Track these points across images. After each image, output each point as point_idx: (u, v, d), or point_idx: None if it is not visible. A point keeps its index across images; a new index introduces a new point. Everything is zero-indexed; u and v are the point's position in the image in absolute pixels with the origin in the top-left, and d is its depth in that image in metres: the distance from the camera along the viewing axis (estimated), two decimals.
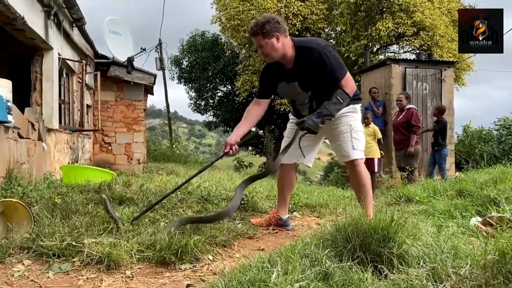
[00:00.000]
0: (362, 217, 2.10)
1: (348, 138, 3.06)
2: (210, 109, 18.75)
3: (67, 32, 6.24)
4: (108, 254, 2.20)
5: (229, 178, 7.99)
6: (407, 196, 4.45)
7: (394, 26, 11.03)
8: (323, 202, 4.47)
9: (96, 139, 9.25)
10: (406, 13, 11.05)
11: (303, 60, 2.86)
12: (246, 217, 3.59)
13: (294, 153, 3.12)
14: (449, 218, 3.33)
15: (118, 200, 3.56)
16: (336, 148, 3.18)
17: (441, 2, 12.21)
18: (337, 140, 3.11)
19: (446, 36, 11.42)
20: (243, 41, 13.71)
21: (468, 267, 1.79)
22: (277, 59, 2.90)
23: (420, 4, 11.08)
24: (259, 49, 2.88)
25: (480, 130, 11.85)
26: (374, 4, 11.44)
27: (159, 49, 17.15)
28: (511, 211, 2.97)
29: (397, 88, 8.88)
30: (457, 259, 1.94)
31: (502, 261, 1.70)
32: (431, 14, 11.11)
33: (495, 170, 4.77)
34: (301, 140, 2.98)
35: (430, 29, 11.06)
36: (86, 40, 7.64)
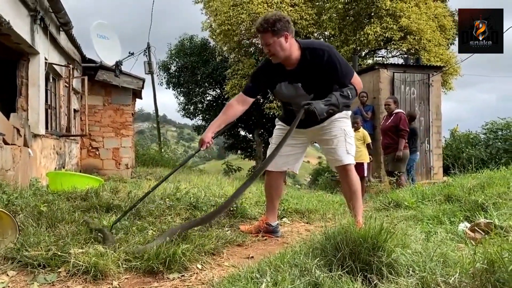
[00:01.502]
0: (351, 225, 2.09)
1: (342, 143, 3.03)
2: (199, 113, 18.69)
3: (54, 36, 6.17)
4: (94, 264, 2.16)
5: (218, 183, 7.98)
6: (396, 201, 4.45)
7: (382, 31, 11.12)
8: (313, 208, 4.46)
9: (84, 144, 9.15)
10: (393, 18, 11.15)
11: (309, 61, 2.81)
12: (235, 224, 3.56)
13: (284, 160, 3.11)
14: (437, 223, 3.34)
15: (105, 208, 3.51)
16: (329, 152, 3.11)
17: (428, 7, 12.34)
18: (330, 144, 3.06)
19: (433, 41, 11.54)
20: (233, 45, 13.71)
21: (457, 276, 1.79)
22: (282, 59, 2.82)
23: (407, 9, 11.19)
24: (266, 47, 2.78)
25: (468, 134, 11.98)
26: (362, 9, 11.53)
27: (148, 53, 17.08)
28: (498, 217, 3.00)
29: (386, 93, 8.94)
30: (446, 267, 1.94)
31: (490, 270, 1.70)
32: (417, 19, 11.22)
33: (483, 174, 4.81)
34: (285, 148, 2.95)
35: (417, 33, 11.17)
36: (73, 44, 7.57)
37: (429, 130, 9.31)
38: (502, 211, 3.10)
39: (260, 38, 2.82)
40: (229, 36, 12.86)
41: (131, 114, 9.74)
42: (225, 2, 12.73)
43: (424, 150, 9.27)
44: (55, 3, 5.33)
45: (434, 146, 9.37)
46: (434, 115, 9.36)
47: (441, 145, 9.79)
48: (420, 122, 9.23)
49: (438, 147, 9.50)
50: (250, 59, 14.13)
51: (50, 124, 6.86)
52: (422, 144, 9.25)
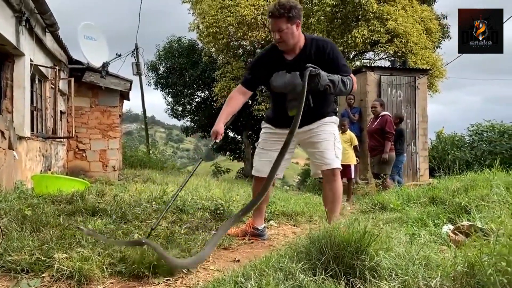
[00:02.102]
0: (335, 229, 2.11)
1: (331, 146, 3.01)
2: (187, 115, 18.64)
3: (40, 37, 6.11)
4: (79, 269, 2.15)
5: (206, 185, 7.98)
6: (382, 204, 4.51)
7: (369, 34, 11.21)
8: (300, 210, 4.49)
9: (70, 146, 9.06)
10: (380, 21, 11.26)
11: (311, 52, 2.82)
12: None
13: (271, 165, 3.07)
14: (422, 226, 3.39)
15: (91, 211, 3.49)
16: (317, 155, 3.04)
17: (415, 11, 12.48)
18: (319, 148, 3.01)
19: (419, 44, 11.68)
20: (221, 47, 13.71)
21: (438, 279, 1.82)
22: (290, 48, 2.80)
23: (394, 12, 11.30)
24: (278, 33, 2.72)
25: (453, 136, 12.14)
26: (350, 12, 11.62)
27: (136, 54, 16.98)
28: (480, 220, 3.04)
29: (372, 95, 9.01)
30: (428, 270, 1.97)
31: (470, 273, 1.73)
32: (404, 22, 11.34)
33: (467, 177, 4.87)
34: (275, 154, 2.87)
35: (403, 36, 11.29)
36: (59, 46, 7.50)
37: (415, 133, 9.42)
38: (484, 214, 3.15)
39: (272, 23, 2.75)
40: (216, 38, 12.86)
41: (118, 116, 9.67)
42: (213, 5, 12.73)
43: (411, 152, 9.37)
44: (41, 4, 5.28)
45: (420, 148, 9.48)
46: (420, 117, 9.47)
47: (427, 147, 9.90)
48: (406, 124, 9.32)
49: (424, 149, 9.61)
50: (239, 61, 14.14)
51: (36, 126, 6.79)
52: (409, 146, 9.34)
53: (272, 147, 3.08)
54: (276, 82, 2.91)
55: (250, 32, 12.15)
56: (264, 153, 3.12)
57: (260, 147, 3.17)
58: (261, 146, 3.16)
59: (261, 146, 3.16)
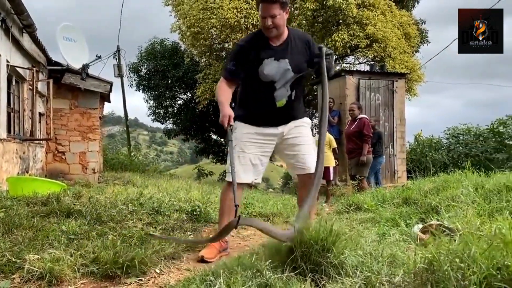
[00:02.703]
0: (304, 228, 2.17)
1: (311, 150, 2.98)
2: (170, 117, 18.56)
3: (17, 38, 6.04)
4: (49, 270, 2.16)
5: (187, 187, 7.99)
6: (357, 204, 4.59)
7: (349, 38, 11.37)
8: (277, 211, 4.54)
9: (49, 148, 8.95)
10: (359, 26, 11.43)
11: (296, 39, 2.86)
12: (198, 228, 3.60)
13: (256, 170, 2.92)
14: (393, 225, 3.47)
15: (66, 213, 3.47)
16: (297, 158, 2.97)
17: (394, 16, 12.70)
18: (300, 151, 2.95)
19: (398, 48, 11.88)
20: (203, 49, 13.70)
21: (401, 275, 1.89)
22: (279, 34, 2.78)
23: (373, 18, 11.48)
24: (270, 19, 2.68)
25: (431, 139, 12.39)
26: (331, 16, 11.76)
27: (117, 55, 16.89)
28: (449, 219, 3.14)
29: (352, 99, 9.14)
30: (393, 267, 2.03)
31: (430, 269, 1.80)
32: (383, 27, 11.53)
33: (440, 178, 4.99)
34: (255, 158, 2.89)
35: (382, 41, 11.47)
36: (38, 47, 7.42)
37: (393, 135, 9.58)
38: (452, 213, 3.25)
39: (264, 8, 2.69)
40: (198, 39, 12.87)
41: (98, 118, 9.60)
42: (194, 6, 12.73)
43: (389, 154, 9.53)
44: (17, 4, 5.24)
45: (398, 151, 9.64)
46: (398, 120, 9.64)
47: (405, 149, 10.08)
48: (384, 127, 9.48)
49: (402, 151, 9.78)
50: (221, 64, 14.16)
51: (13, 127, 6.70)
52: (387, 149, 9.49)
53: (252, 150, 2.89)
54: (268, 70, 2.79)
55: (233, 34, 12.20)
56: (245, 156, 2.88)
57: (239, 149, 2.87)
58: (241, 148, 2.87)
59: (241, 148, 2.87)
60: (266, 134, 2.92)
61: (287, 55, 2.82)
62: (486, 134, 11.43)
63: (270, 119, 2.90)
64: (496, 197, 3.59)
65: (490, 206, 3.39)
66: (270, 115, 2.88)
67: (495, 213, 3.26)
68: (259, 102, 2.88)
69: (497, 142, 11.02)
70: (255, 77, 2.82)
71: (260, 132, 2.92)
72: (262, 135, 2.92)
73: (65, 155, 9.14)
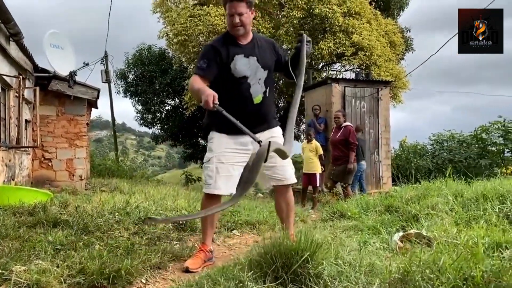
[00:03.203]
0: (285, 239, 2.24)
1: (288, 161, 2.99)
2: (157, 122, 18.56)
3: (3, 46, 6.04)
4: (36, 281, 2.19)
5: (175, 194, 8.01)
6: (341, 212, 4.68)
7: (335, 46, 11.54)
8: (263, 219, 4.60)
9: (36, 155, 8.91)
10: (345, 34, 11.61)
11: (261, 41, 3.00)
12: (184, 237, 3.65)
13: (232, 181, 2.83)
14: (375, 233, 3.56)
15: (52, 223, 3.50)
16: (277, 170, 2.99)
17: (379, 24, 12.92)
18: (275, 163, 2.92)
19: (383, 56, 12.08)
20: (191, 56, 13.76)
21: (377, 285, 1.97)
22: (245, 33, 2.87)
23: (359, 26, 11.68)
24: (237, 16, 2.77)
25: (415, 145, 12.60)
26: (317, 25, 11.92)
27: (105, 61, 16.85)
28: (428, 228, 3.24)
29: (337, 106, 9.28)
30: (371, 276, 2.12)
31: (404, 280, 1.89)
32: (369, 36, 11.73)
33: (422, 186, 5.11)
34: (234, 167, 2.87)
35: (367, 49, 11.66)
36: (24, 54, 7.41)
37: (378, 142, 9.72)
38: (432, 222, 3.36)
39: (232, 7, 2.77)
40: (186, 46, 12.94)
41: (85, 125, 9.58)
42: (182, 13, 12.80)
43: (374, 161, 9.67)
44: (4, 13, 5.25)
45: (383, 157, 9.79)
46: (383, 127, 9.79)
47: (390, 156, 10.23)
48: (370, 134, 9.62)
49: (387, 158, 9.93)
50: None
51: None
52: (372, 155, 9.64)
53: (230, 160, 2.87)
54: (239, 65, 2.84)
55: None
56: (224, 167, 2.86)
57: (217, 160, 2.87)
58: (219, 159, 2.87)
59: (219, 159, 2.87)
60: (243, 143, 2.90)
61: (255, 52, 2.90)
62: (470, 140, 11.67)
63: (247, 120, 2.77)
64: (474, 205, 3.71)
65: (467, 214, 3.51)
66: (248, 115, 2.83)
67: (472, 221, 3.38)
68: (236, 100, 2.85)
69: (480, 148, 11.26)
70: (229, 75, 2.84)
71: (237, 141, 2.90)
72: (239, 144, 2.90)
73: (51, 162, 9.10)
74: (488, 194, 3.81)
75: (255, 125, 2.88)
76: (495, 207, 3.52)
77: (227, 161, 2.87)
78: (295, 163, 11.42)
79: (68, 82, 8.61)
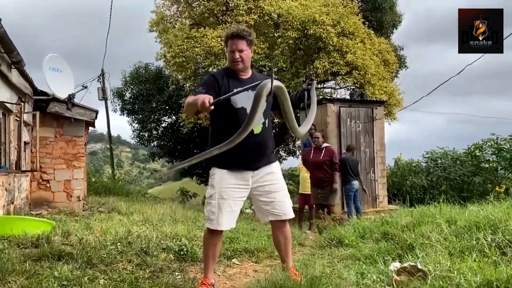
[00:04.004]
0: (286, 280, 2.34)
1: (287, 197, 3.09)
2: (154, 140, 18.65)
3: (5, 74, 6.15)
4: None
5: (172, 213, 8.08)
6: (339, 238, 4.77)
7: (330, 65, 11.74)
8: (262, 247, 4.67)
9: (34, 177, 8.96)
10: (339, 54, 11.83)
11: (259, 77, 3.09)
12: (185, 267, 3.73)
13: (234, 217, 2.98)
14: (372, 263, 3.66)
15: (57, 256, 3.58)
16: (276, 205, 3.04)
17: (373, 43, 13.17)
18: (274, 198, 3.02)
19: (377, 75, 12.30)
20: (190, 75, 13.91)
21: None
22: (245, 68, 3.01)
23: (353, 46, 11.90)
24: (238, 53, 2.93)
25: (410, 163, 12.77)
26: (312, 44, 12.13)
27: (102, 79, 17.00)
28: (423, 259, 3.35)
29: (333, 126, 9.43)
30: None
31: None
32: (362, 55, 11.95)
33: (417, 211, 5.23)
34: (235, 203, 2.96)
35: (362, 68, 11.87)
36: (25, 79, 7.52)
37: (374, 161, 9.86)
38: (425, 253, 3.46)
39: (233, 43, 2.92)
40: (183, 67, 13.11)
41: (83, 145, 9.66)
42: (179, 35, 12.99)
43: (370, 179, 9.79)
44: (8, 45, 5.37)
45: (379, 176, 9.92)
46: (378, 146, 9.94)
47: (385, 174, 10.36)
48: (365, 153, 9.77)
49: (382, 176, 10.06)
50: None
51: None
52: (368, 174, 9.77)
53: (231, 195, 2.93)
54: (238, 97, 2.88)
55: (218, 61, 12.47)
56: (226, 203, 2.92)
57: (219, 196, 2.92)
58: (220, 195, 2.92)
59: (221, 195, 2.92)
60: (244, 178, 2.97)
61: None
62: (463, 157, 11.86)
63: (247, 152, 2.89)
64: (467, 234, 3.82)
65: (461, 243, 3.61)
66: (249, 146, 2.86)
67: (466, 251, 3.49)
68: (236, 131, 2.73)
69: (474, 165, 11.43)
70: (228, 106, 2.90)
71: (238, 176, 2.96)
72: (240, 179, 2.97)
73: (49, 183, 9.15)
74: (480, 222, 3.92)
75: (256, 157, 2.97)
76: (487, 236, 3.62)
77: (229, 196, 2.93)
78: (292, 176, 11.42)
79: (66, 104, 8.71)
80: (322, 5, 12.40)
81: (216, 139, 2.92)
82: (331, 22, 11.80)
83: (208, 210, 2.97)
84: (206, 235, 3.03)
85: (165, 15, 15.25)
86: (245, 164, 2.97)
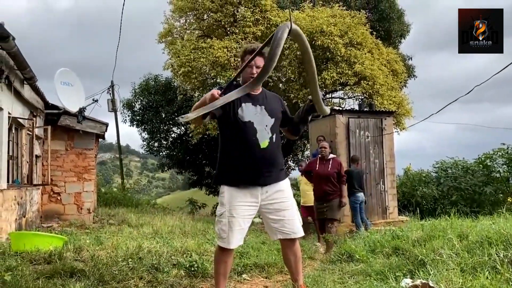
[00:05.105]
0: None
1: (296, 214, 3.08)
2: (163, 150, 18.79)
3: (18, 90, 6.26)
4: None
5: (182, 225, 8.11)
6: (349, 253, 4.75)
7: (338, 76, 11.77)
8: (272, 261, 4.66)
9: (45, 190, 9.06)
10: (348, 64, 11.85)
11: (269, 94, 3.19)
12: (196, 284, 3.74)
13: (242, 235, 3.00)
14: (383, 279, 3.64)
15: (69, 273, 3.61)
16: (286, 224, 3.04)
17: (381, 53, 13.17)
18: (284, 216, 3.03)
19: (386, 85, 12.29)
20: (198, 85, 14.01)
21: None
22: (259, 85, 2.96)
23: (361, 56, 11.92)
24: (255, 68, 2.97)
25: (420, 173, 12.69)
26: (320, 55, 12.17)
27: (111, 90, 17.20)
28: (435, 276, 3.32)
29: (341, 136, 9.42)
30: None
31: None
32: (371, 65, 11.96)
33: (428, 224, 5.19)
34: (245, 221, 2.98)
35: (370, 78, 11.88)
36: (37, 94, 7.65)
37: (383, 172, 9.81)
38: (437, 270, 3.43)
39: (253, 59, 2.89)
40: (190, 77, 13.22)
41: (93, 158, 9.76)
42: (187, 45, 13.12)
43: (380, 190, 9.75)
44: (21, 62, 5.47)
45: (389, 187, 9.87)
46: (388, 157, 9.90)
47: (395, 185, 10.29)
48: (375, 164, 9.73)
49: (392, 187, 10.00)
50: None
51: (12, 174, 6.84)
52: (378, 185, 9.72)
53: (240, 213, 2.94)
54: (246, 111, 2.97)
55: (224, 72, 12.56)
56: (236, 221, 2.93)
57: (229, 214, 2.94)
58: (230, 213, 2.94)
59: (231, 213, 2.93)
60: (253, 195, 2.97)
61: (263, 102, 3.07)
62: (474, 167, 11.77)
63: (256, 167, 2.92)
64: (478, 250, 3.79)
65: (473, 259, 3.58)
66: (257, 160, 2.92)
67: (478, 267, 3.46)
68: (244, 145, 2.94)
69: (485, 175, 11.34)
70: (235, 120, 2.95)
71: (247, 193, 2.97)
72: (249, 195, 2.97)
73: (60, 196, 9.25)
74: (492, 238, 3.88)
75: (264, 172, 2.97)
76: (499, 252, 3.58)
77: (238, 214, 2.94)
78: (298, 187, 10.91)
79: (77, 117, 8.82)
80: (329, 16, 12.47)
81: (225, 153, 3.05)
82: (339, 32, 11.85)
83: (219, 229, 2.97)
84: (218, 252, 3.05)
85: (174, 26, 15.42)
86: (253, 179, 2.97)
